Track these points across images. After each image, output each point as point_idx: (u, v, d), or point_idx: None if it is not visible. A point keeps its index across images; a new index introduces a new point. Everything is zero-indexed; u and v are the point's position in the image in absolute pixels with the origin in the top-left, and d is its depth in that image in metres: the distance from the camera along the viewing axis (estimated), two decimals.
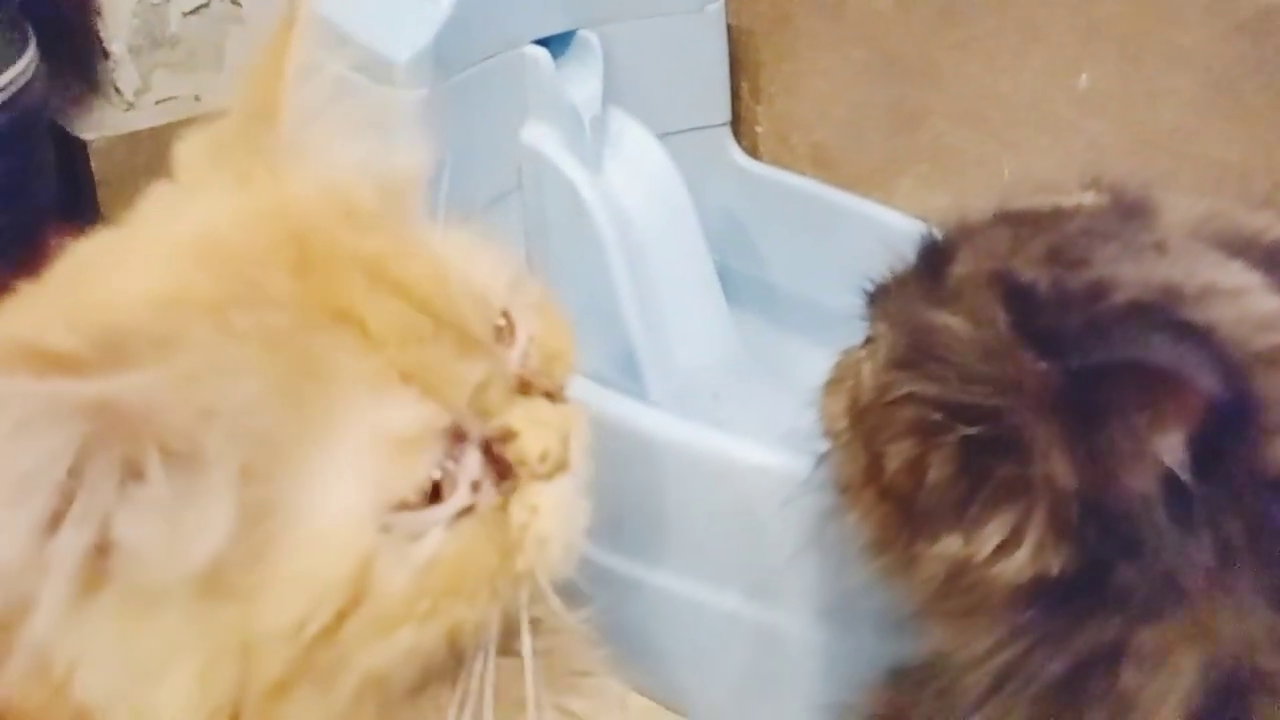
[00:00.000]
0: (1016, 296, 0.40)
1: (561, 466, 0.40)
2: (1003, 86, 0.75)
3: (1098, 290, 0.39)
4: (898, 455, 0.43)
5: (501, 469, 0.39)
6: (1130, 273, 0.40)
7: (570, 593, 0.50)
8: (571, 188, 0.73)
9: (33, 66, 0.63)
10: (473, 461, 0.38)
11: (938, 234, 0.47)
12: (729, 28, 0.88)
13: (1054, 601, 0.39)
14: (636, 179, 0.78)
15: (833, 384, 0.50)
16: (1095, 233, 0.43)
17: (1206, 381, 0.34)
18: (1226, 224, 0.44)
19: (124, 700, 0.34)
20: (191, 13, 0.87)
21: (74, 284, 0.37)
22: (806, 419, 0.51)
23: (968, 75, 0.77)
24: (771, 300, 0.89)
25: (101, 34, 0.83)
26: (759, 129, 0.94)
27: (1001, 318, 0.40)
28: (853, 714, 0.51)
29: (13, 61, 0.60)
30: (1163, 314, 0.37)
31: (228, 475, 0.32)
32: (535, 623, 0.45)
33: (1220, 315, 0.38)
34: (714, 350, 0.79)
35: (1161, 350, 0.34)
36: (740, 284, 0.89)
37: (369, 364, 0.35)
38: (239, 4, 0.89)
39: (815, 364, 0.51)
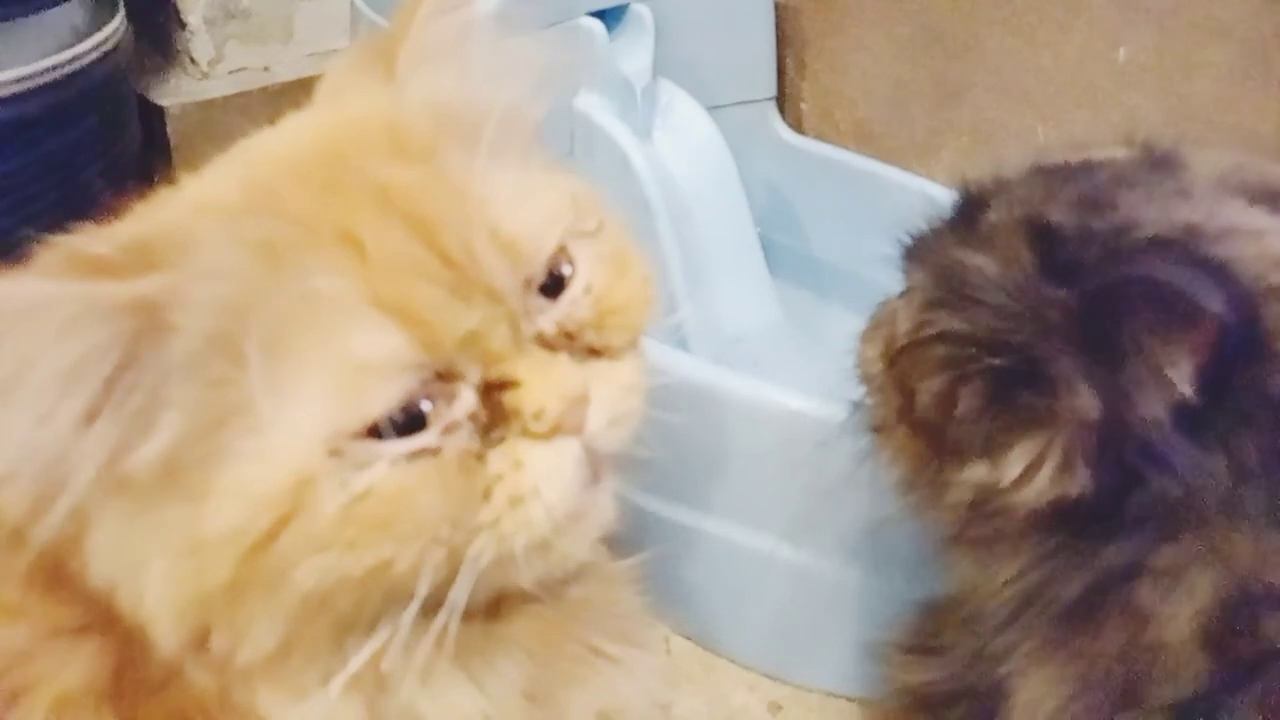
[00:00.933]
0: (1043, 236, 0.42)
1: (560, 429, 0.38)
2: (1043, 60, 0.77)
3: (1121, 228, 0.41)
4: (929, 391, 0.46)
5: (495, 417, 0.37)
6: (1154, 214, 0.42)
7: (616, 541, 0.52)
8: (622, 154, 0.75)
9: (121, 30, 0.67)
10: (465, 404, 0.37)
11: (974, 186, 0.50)
12: (776, 5, 0.90)
13: (1074, 525, 0.41)
14: (684, 148, 0.80)
15: (869, 331, 0.53)
16: (1124, 181, 0.45)
17: (1218, 308, 0.36)
18: (1252, 175, 0.46)
19: (120, 588, 0.34)
20: None
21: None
22: (843, 366, 0.54)
23: (1009, 50, 0.78)
24: (814, 272, 0.91)
25: (179, 6, 0.87)
26: (804, 104, 0.95)
27: (1027, 256, 0.42)
28: (883, 646, 0.54)
29: (105, 23, 0.64)
30: (1181, 247, 0.39)
31: (200, 374, 0.33)
32: (582, 568, 0.45)
33: (1238, 252, 0.39)
34: (756, 317, 0.81)
35: (1175, 274, 0.36)
36: (783, 256, 0.90)
37: (353, 289, 0.35)
38: None
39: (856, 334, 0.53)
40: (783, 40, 0.92)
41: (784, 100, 0.95)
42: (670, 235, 0.75)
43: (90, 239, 0.33)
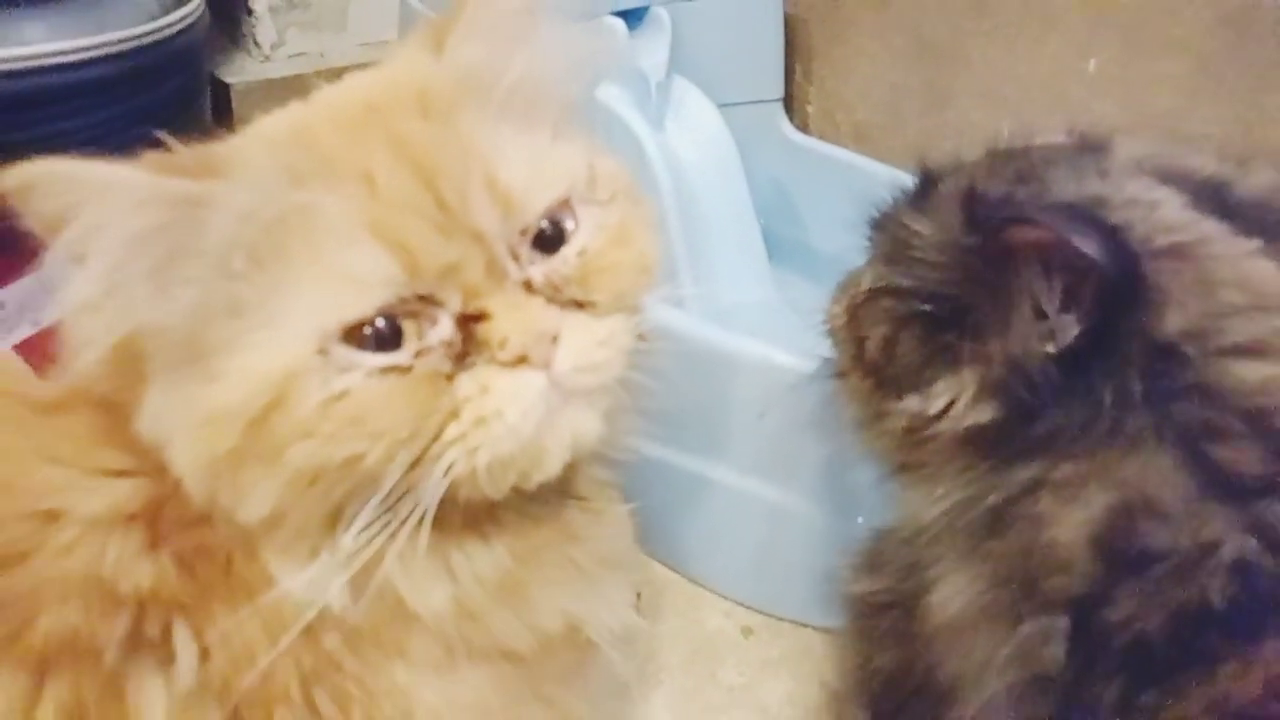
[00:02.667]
0: (973, 201, 0.49)
1: (526, 360, 0.41)
2: (1021, 70, 0.83)
3: (1037, 195, 0.47)
4: (876, 337, 0.52)
5: (469, 346, 0.41)
6: (1070, 187, 0.48)
7: (613, 483, 0.58)
8: (636, 141, 0.81)
9: (198, 10, 0.74)
10: (442, 330, 0.41)
11: (932, 165, 0.56)
12: (786, 15, 0.96)
13: (990, 449, 0.47)
14: (694, 139, 0.87)
15: (837, 293, 0.59)
16: (1053, 161, 0.51)
17: (1101, 260, 0.42)
18: (1166, 160, 0.52)
19: (164, 446, 0.40)
20: None
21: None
22: (817, 326, 0.60)
23: (991, 60, 0.84)
24: (811, 260, 0.97)
25: None
26: (810, 107, 1.02)
27: (958, 218, 0.49)
28: (837, 567, 0.60)
29: (185, 3, 0.72)
30: (1079, 210, 0.45)
31: (223, 266, 0.39)
32: (580, 502, 0.51)
33: (1132, 219, 0.45)
34: (752, 292, 0.87)
35: (1065, 229, 0.42)
36: (784, 245, 0.97)
37: (356, 215, 0.39)
38: None
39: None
40: (791, 48, 0.98)
41: (791, 102, 1.01)
42: (676, 214, 0.82)
43: (180, 150, 0.39)
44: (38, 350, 0.51)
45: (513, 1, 0.46)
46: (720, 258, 0.87)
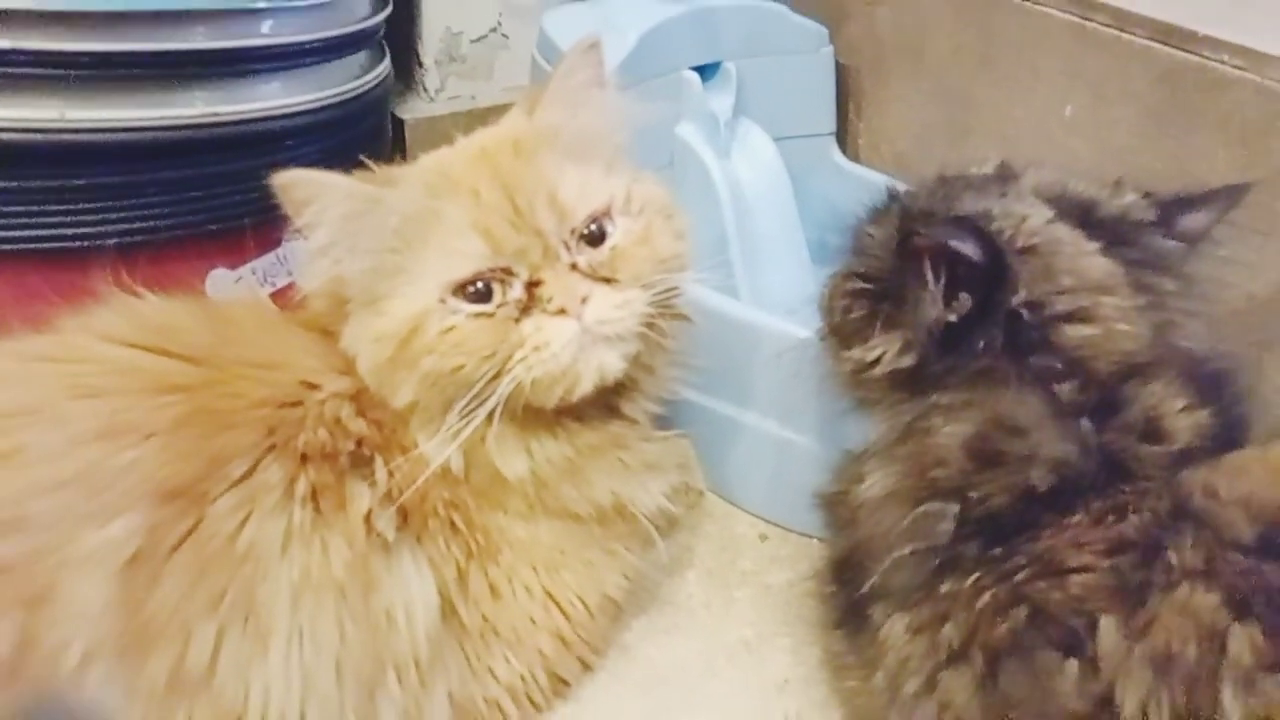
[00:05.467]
0: (902, 215, 0.67)
1: (564, 312, 0.60)
2: (1018, 113, 0.98)
3: (947, 210, 0.65)
4: (839, 307, 0.70)
5: (530, 302, 0.60)
6: (972, 204, 0.66)
7: (665, 416, 0.75)
8: (705, 169, 1.00)
9: (386, 69, 0.98)
10: (516, 291, 0.60)
11: (892, 187, 0.74)
12: (838, 64, 1.13)
13: (910, 386, 0.65)
14: (752, 166, 1.05)
15: (828, 281, 0.77)
16: (971, 185, 0.68)
17: (974, 255, 0.59)
18: (1057, 187, 0.67)
19: (354, 356, 0.62)
20: (476, 41, 1.19)
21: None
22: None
23: (995, 104, 1.00)
24: None
25: (420, 52, 1.16)
26: (860, 140, 1.19)
27: (895, 226, 0.67)
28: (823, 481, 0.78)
29: (378, 64, 0.95)
30: (969, 221, 0.63)
31: (389, 242, 0.60)
32: (629, 422, 0.70)
33: (1005, 226, 0.62)
34: (797, 291, 1.05)
35: (949, 234, 0.60)
36: (832, 254, 1.13)
37: (465, 216, 0.60)
38: (506, 36, 1.20)
39: None
40: (843, 91, 1.15)
41: (845, 136, 1.18)
42: (734, 227, 1.00)
43: (374, 169, 0.62)
44: (277, 301, 0.75)
45: (580, 78, 0.67)
46: (771, 261, 1.05)
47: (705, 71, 1.04)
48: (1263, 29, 0.80)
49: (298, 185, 0.60)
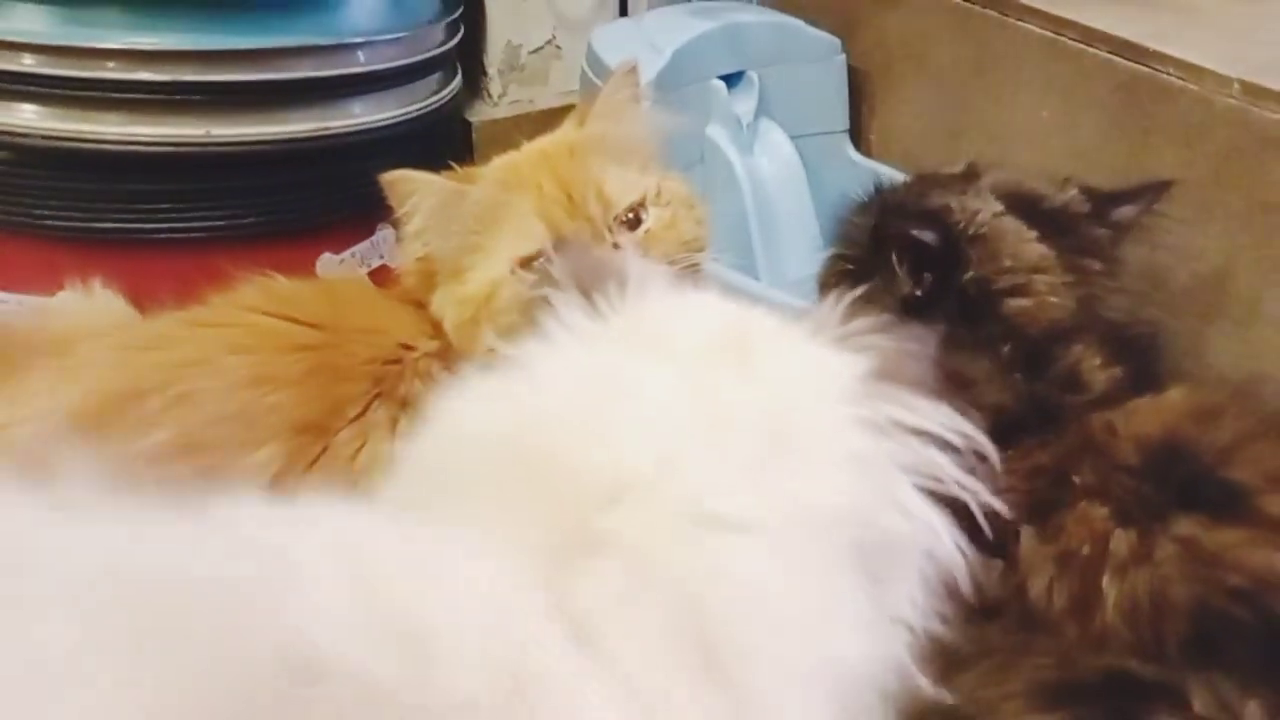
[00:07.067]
0: (879, 207, 0.80)
1: None
2: (1005, 116, 1.09)
3: (916, 203, 0.78)
4: (830, 284, 0.83)
5: None
6: (938, 201, 0.79)
7: None
8: (730, 165, 1.12)
9: (458, 84, 1.13)
10: None
11: (879, 182, 0.87)
12: (851, 69, 1.24)
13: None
14: (771, 161, 1.17)
15: (823, 262, 0.91)
16: (939, 183, 0.81)
17: (934, 241, 0.73)
18: (1010, 185, 0.80)
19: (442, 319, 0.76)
20: (533, 52, 1.32)
21: None
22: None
23: (985, 108, 1.12)
24: None
25: (485, 63, 1.29)
26: (872, 136, 1.31)
27: (874, 217, 0.80)
28: None
29: (451, 81, 1.10)
30: (934, 215, 0.76)
31: (470, 225, 0.73)
32: None
33: (961, 219, 0.75)
34: (809, 269, 1.18)
35: (911, 225, 0.73)
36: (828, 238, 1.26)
37: (530, 206, 0.72)
38: (560, 48, 1.33)
39: None
40: (856, 93, 1.26)
41: (858, 132, 1.30)
42: (755, 216, 1.13)
43: (457, 169, 0.77)
44: (373, 279, 0.91)
45: (622, 96, 0.80)
46: (787, 243, 1.18)
47: (731, 80, 1.16)
48: (1204, 46, 0.92)
49: (401, 182, 0.75)
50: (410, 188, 0.74)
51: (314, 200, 0.96)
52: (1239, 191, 0.86)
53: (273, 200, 0.94)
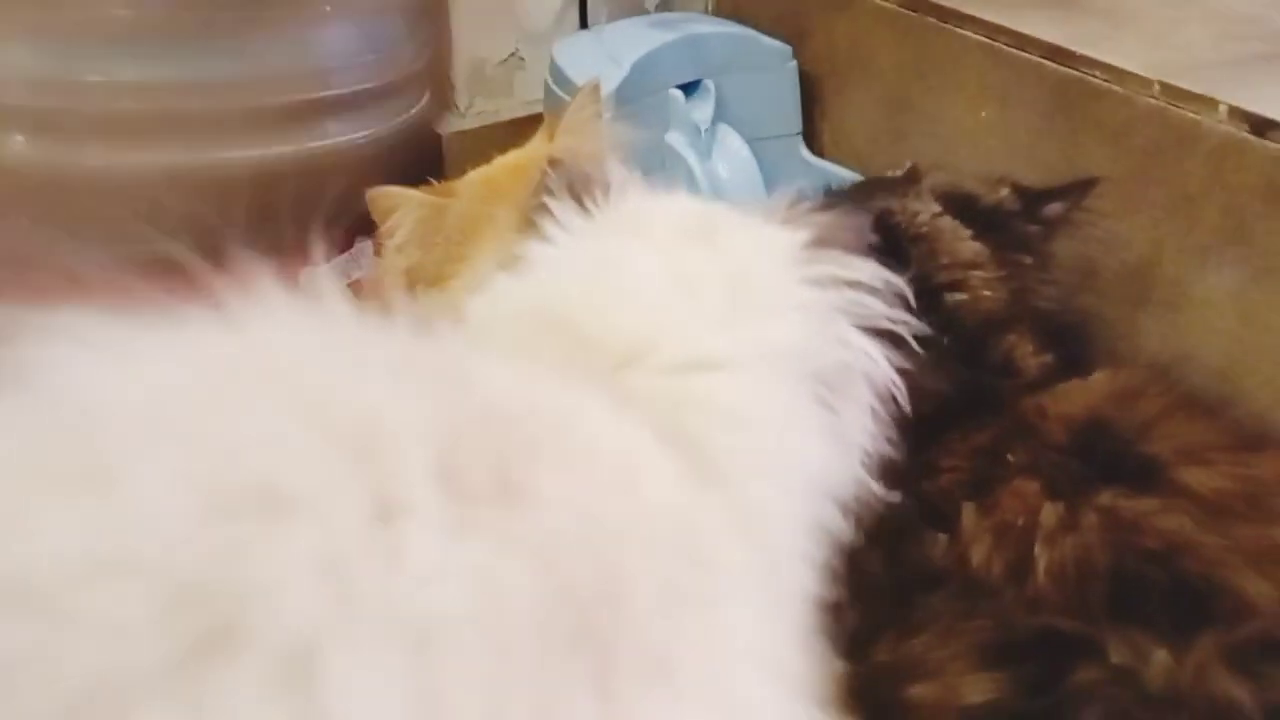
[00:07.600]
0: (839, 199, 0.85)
1: None
2: (946, 116, 1.15)
3: (862, 205, 0.84)
4: None
5: None
6: (882, 203, 0.84)
7: None
8: (690, 169, 1.16)
9: (428, 99, 1.17)
10: None
11: (829, 184, 0.93)
12: (802, 74, 1.29)
13: None
14: (729, 165, 1.21)
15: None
16: (883, 185, 0.87)
17: (880, 244, 0.78)
18: (948, 186, 0.86)
19: None
20: (498, 64, 1.35)
21: None
22: None
23: (928, 109, 1.17)
24: None
25: (452, 77, 1.32)
26: (824, 138, 1.36)
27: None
28: None
29: (421, 97, 1.15)
30: (884, 215, 0.81)
31: (453, 236, 0.79)
32: None
33: (903, 220, 0.81)
34: None
35: (861, 225, 0.78)
36: None
37: (509, 216, 0.75)
38: (523, 59, 1.36)
39: None
40: (808, 97, 1.32)
41: (811, 134, 1.36)
42: None
43: (435, 184, 0.82)
44: (353, 291, 0.95)
45: (587, 112, 0.86)
46: None
47: (688, 88, 1.21)
48: (1128, 50, 0.98)
49: (383, 198, 0.80)
50: (393, 203, 0.78)
51: (295, 216, 0.99)
52: (1161, 185, 0.92)
53: (256, 218, 0.97)
